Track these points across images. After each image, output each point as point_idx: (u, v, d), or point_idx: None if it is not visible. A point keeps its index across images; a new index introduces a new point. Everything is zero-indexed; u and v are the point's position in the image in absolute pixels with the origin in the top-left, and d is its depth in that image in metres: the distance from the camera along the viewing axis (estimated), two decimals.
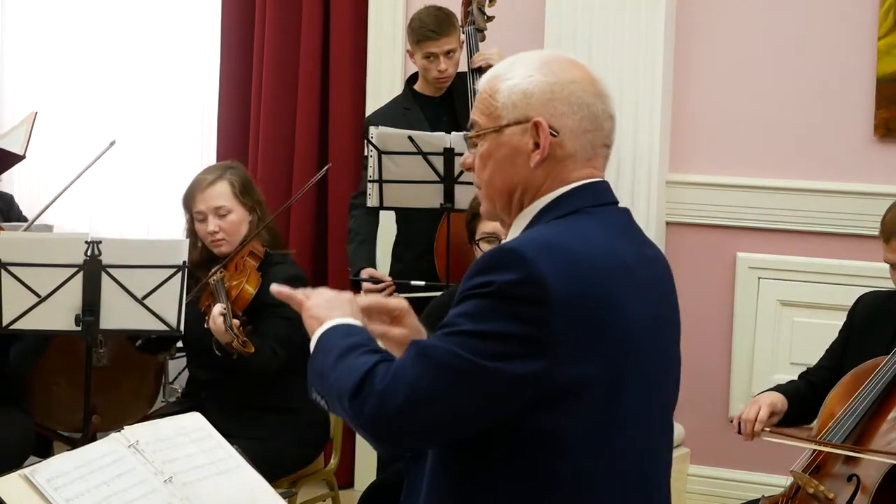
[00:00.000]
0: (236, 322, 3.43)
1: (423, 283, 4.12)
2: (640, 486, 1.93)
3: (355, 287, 4.28)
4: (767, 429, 3.19)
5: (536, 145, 1.93)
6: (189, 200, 3.78)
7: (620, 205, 2.03)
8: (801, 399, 3.31)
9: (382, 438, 1.84)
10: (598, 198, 1.96)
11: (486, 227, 3.34)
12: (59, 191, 3.80)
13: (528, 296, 1.79)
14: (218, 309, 3.44)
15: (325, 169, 4.07)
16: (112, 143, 3.86)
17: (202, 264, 3.71)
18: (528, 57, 1.99)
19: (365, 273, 4.19)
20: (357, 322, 1.96)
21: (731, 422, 3.24)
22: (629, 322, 1.87)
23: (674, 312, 2.04)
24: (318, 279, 4.89)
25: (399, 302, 2.12)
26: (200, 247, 3.77)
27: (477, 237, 3.37)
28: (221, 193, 3.74)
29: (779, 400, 3.25)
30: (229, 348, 3.42)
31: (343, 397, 1.84)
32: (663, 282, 2.03)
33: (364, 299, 2.08)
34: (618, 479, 1.89)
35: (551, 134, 1.92)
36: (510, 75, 1.96)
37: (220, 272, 3.63)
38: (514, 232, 1.98)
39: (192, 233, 3.79)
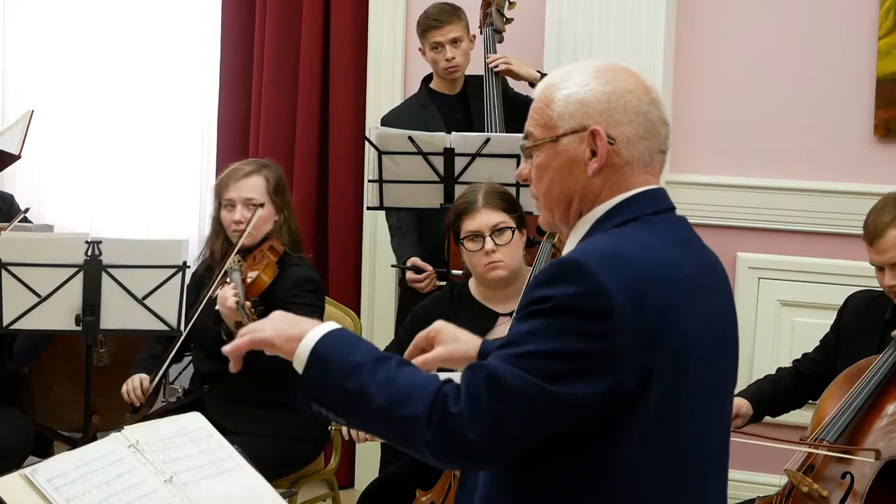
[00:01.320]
0: (248, 304, 3.43)
1: (461, 271, 4.10)
2: (697, 493, 1.92)
3: (402, 274, 4.30)
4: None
5: (593, 153, 1.93)
6: (221, 188, 3.80)
7: None
8: (776, 396, 3.40)
9: (462, 462, 1.87)
10: (657, 205, 1.97)
11: (470, 225, 3.32)
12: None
13: (591, 309, 1.78)
14: (230, 290, 3.45)
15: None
16: (27, 210, 3.95)
17: (223, 258, 3.71)
18: (583, 66, 1.99)
19: (409, 262, 4.20)
20: (337, 325, 1.93)
21: None
22: (688, 331, 1.87)
23: (732, 321, 2.05)
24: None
25: (434, 327, 2.15)
26: (222, 238, 3.77)
27: (462, 236, 3.35)
28: (256, 186, 3.75)
29: (743, 404, 3.33)
30: (238, 328, 3.42)
31: (414, 421, 1.79)
32: (721, 289, 2.03)
33: (413, 349, 2.13)
34: (676, 485, 1.88)
35: (609, 142, 1.92)
36: (565, 85, 1.96)
37: (239, 260, 3.63)
38: (573, 240, 1.98)
39: (216, 221, 3.80)
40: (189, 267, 3.50)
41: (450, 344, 2.15)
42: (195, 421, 2.46)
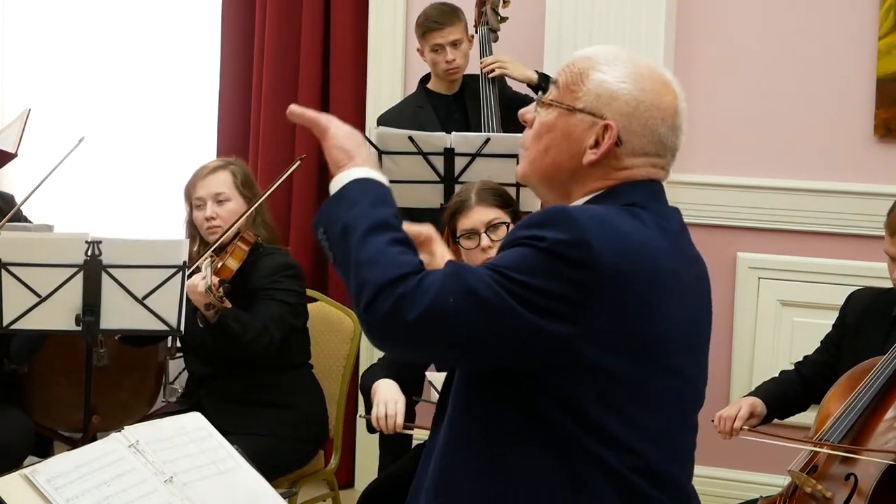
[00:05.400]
0: (215, 280, 3.44)
1: None
2: (667, 477, 1.94)
3: None
4: (746, 427, 3.26)
5: (596, 144, 1.93)
6: (190, 188, 3.81)
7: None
8: (785, 398, 3.39)
9: (385, 339, 1.85)
10: (655, 195, 1.97)
11: (465, 223, 3.31)
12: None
13: (573, 257, 1.79)
14: (198, 277, 3.46)
15: (298, 160, 3.93)
16: (81, 140, 3.90)
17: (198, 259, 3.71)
18: (629, 61, 1.97)
19: None
20: (384, 180, 1.94)
21: (713, 421, 3.27)
22: (669, 315, 1.88)
23: (709, 314, 2.06)
24: (318, 277, 4.89)
25: (425, 228, 2.12)
26: (198, 241, 3.77)
27: (458, 235, 3.34)
28: (223, 181, 3.76)
29: (758, 403, 3.33)
30: (208, 310, 3.44)
31: (365, 286, 1.80)
32: (703, 283, 2.04)
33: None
34: (644, 463, 1.90)
35: (615, 142, 1.92)
36: (606, 69, 1.95)
37: (211, 256, 3.64)
38: None
39: (190, 224, 3.80)
40: (189, 267, 3.50)
41: (437, 261, 2.08)
42: (195, 421, 2.46)
